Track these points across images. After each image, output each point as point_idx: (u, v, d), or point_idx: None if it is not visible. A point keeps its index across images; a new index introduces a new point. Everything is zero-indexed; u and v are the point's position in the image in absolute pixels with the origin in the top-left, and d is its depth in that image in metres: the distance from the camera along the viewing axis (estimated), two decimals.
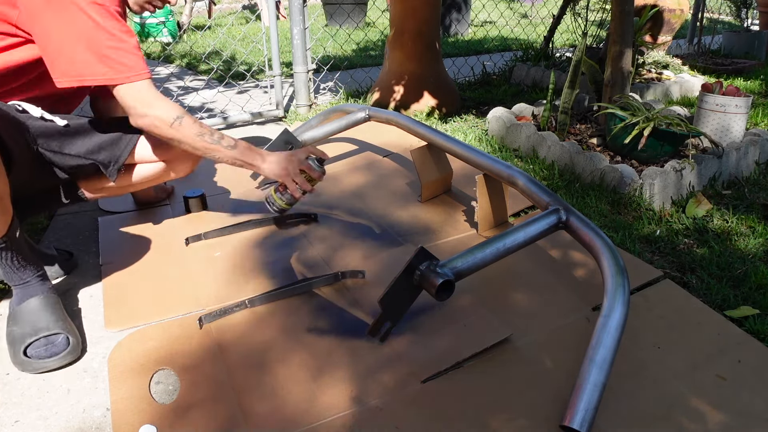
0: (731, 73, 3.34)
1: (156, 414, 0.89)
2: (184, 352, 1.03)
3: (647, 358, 1.01)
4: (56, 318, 1.04)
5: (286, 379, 0.96)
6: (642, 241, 1.42)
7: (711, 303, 1.18)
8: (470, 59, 3.86)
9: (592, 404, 0.84)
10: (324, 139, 1.83)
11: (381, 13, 5.46)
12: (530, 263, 1.31)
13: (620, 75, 1.97)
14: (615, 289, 1.00)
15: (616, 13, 1.94)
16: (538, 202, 1.22)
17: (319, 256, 1.35)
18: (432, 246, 1.39)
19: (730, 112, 1.87)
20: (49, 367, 1.00)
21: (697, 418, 0.88)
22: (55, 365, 1.00)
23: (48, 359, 1.00)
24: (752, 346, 1.04)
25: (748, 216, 1.55)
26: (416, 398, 0.92)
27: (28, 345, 1.00)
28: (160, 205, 1.62)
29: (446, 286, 0.96)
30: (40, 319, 1.03)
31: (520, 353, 1.02)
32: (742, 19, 5.05)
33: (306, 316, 1.13)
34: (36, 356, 1.00)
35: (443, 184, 1.67)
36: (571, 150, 1.82)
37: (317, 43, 4.45)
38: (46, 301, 1.06)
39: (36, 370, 1.00)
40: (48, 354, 1.00)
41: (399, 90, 2.57)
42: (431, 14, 2.50)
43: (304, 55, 2.58)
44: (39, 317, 1.03)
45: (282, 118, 2.60)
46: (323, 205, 1.62)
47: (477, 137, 2.22)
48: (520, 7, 7.50)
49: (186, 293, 1.21)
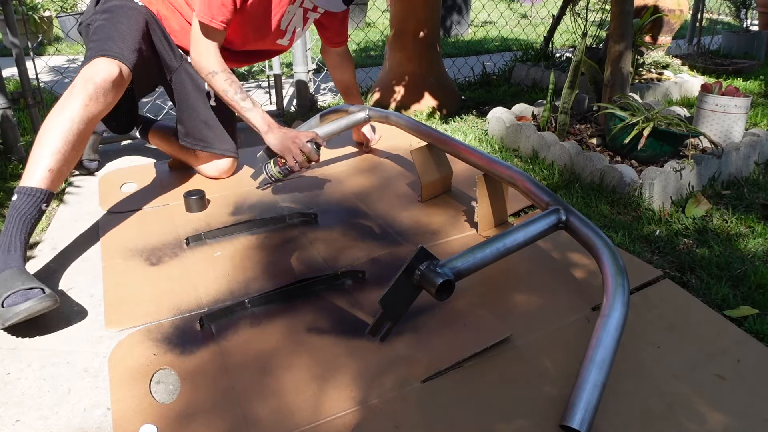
0: (731, 74, 3.34)
1: (156, 414, 0.89)
2: (185, 352, 1.03)
3: (647, 358, 1.01)
4: (31, 279, 1.07)
5: (286, 378, 0.96)
6: (642, 241, 1.42)
7: (711, 303, 1.18)
8: (470, 59, 3.86)
9: (591, 404, 0.84)
10: (324, 139, 1.83)
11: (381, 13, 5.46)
12: (530, 263, 1.31)
13: (620, 75, 1.97)
14: (615, 289, 1.00)
15: (616, 13, 1.94)
16: (538, 202, 1.22)
17: (319, 256, 1.35)
18: (432, 246, 1.39)
19: (730, 113, 1.87)
20: (29, 311, 1.00)
21: (697, 418, 0.88)
22: (34, 308, 1.00)
23: (24, 303, 1.01)
24: (752, 346, 1.04)
25: (748, 216, 1.55)
26: (416, 398, 0.92)
27: (5, 299, 1.01)
28: (160, 206, 1.62)
29: (446, 286, 0.96)
30: (15, 280, 1.05)
31: (520, 353, 1.03)
32: (742, 19, 5.05)
33: (306, 316, 1.13)
34: (13, 303, 1.01)
35: (443, 184, 1.67)
36: (570, 150, 1.82)
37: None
38: (21, 270, 1.10)
39: (17, 316, 1.00)
40: (24, 299, 1.01)
41: (399, 90, 2.57)
42: (431, 14, 2.50)
43: (304, 55, 2.58)
44: (14, 280, 1.06)
45: (282, 118, 2.61)
46: (323, 205, 1.62)
47: (477, 137, 2.22)
48: (520, 7, 7.50)
49: (186, 293, 1.21)
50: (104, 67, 1.35)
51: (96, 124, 1.35)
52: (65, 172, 1.27)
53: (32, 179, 1.21)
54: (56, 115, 1.28)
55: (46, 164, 1.22)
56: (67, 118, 1.27)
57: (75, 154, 1.29)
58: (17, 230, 1.17)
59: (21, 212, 1.18)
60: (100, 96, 1.32)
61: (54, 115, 1.28)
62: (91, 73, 1.33)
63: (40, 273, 1.30)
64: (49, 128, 1.26)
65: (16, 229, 1.17)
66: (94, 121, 1.33)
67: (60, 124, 1.26)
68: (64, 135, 1.25)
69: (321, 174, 1.85)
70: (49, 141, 1.24)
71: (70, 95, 1.31)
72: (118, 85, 1.37)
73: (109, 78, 1.34)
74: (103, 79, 1.33)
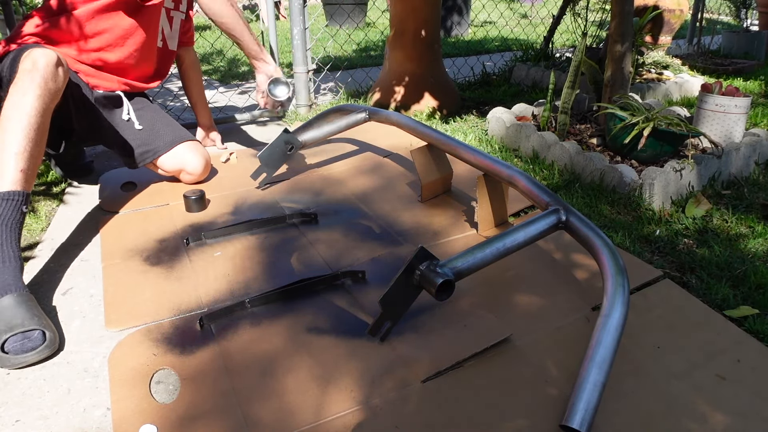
0: (731, 74, 3.34)
1: (157, 414, 0.89)
2: (185, 353, 1.03)
3: (647, 358, 1.01)
4: (31, 315, 1.05)
5: (286, 378, 0.96)
6: (642, 241, 1.42)
7: (711, 303, 1.18)
8: (470, 59, 3.86)
9: (591, 404, 0.84)
10: (324, 139, 1.83)
11: (381, 13, 5.46)
12: (530, 263, 1.31)
13: (620, 75, 1.97)
14: (615, 289, 1.00)
15: (616, 13, 1.94)
16: (538, 202, 1.22)
17: (319, 256, 1.35)
18: (432, 246, 1.39)
19: (730, 113, 1.87)
20: (28, 362, 1.00)
21: (697, 418, 0.88)
22: (33, 359, 1.01)
23: (25, 354, 1.00)
24: (752, 346, 1.04)
25: (748, 216, 1.55)
26: (416, 398, 0.92)
27: (5, 341, 1.01)
28: (160, 206, 1.62)
29: (446, 286, 0.96)
30: (15, 316, 1.04)
31: (520, 353, 1.03)
32: (742, 19, 5.05)
33: (306, 316, 1.13)
34: (13, 351, 1.00)
35: (443, 184, 1.67)
36: (570, 150, 1.82)
37: (317, 44, 4.45)
38: (20, 299, 1.07)
39: (15, 365, 1.00)
40: (25, 349, 1.01)
41: (399, 90, 2.57)
42: (431, 14, 2.50)
43: (304, 55, 2.58)
44: (14, 315, 1.04)
45: (282, 118, 2.61)
46: (323, 205, 1.62)
47: (477, 137, 2.22)
48: (520, 7, 7.50)
49: (186, 293, 1.21)
50: (41, 52, 1.28)
51: (50, 113, 1.28)
52: (35, 170, 1.22)
53: (5, 183, 1.15)
54: (10, 112, 1.21)
55: (15, 165, 1.17)
56: (24, 113, 1.20)
57: (39, 150, 1.23)
58: (6, 239, 1.12)
59: (4, 219, 1.13)
60: (49, 81, 1.27)
61: (8, 114, 1.21)
62: (31, 62, 1.26)
63: (40, 273, 1.30)
64: (7, 129, 1.19)
65: (4, 237, 1.12)
66: (50, 111, 1.27)
67: (18, 122, 1.20)
68: (25, 132, 1.19)
69: (321, 174, 1.85)
70: (12, 141, 1.18)
71: (19, 90, 1.23)
72: (61, 66, 1.31)
73: (50, 61, 1.28)
74: (45, 63, 1.27)
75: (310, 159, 1.99)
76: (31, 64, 1.26)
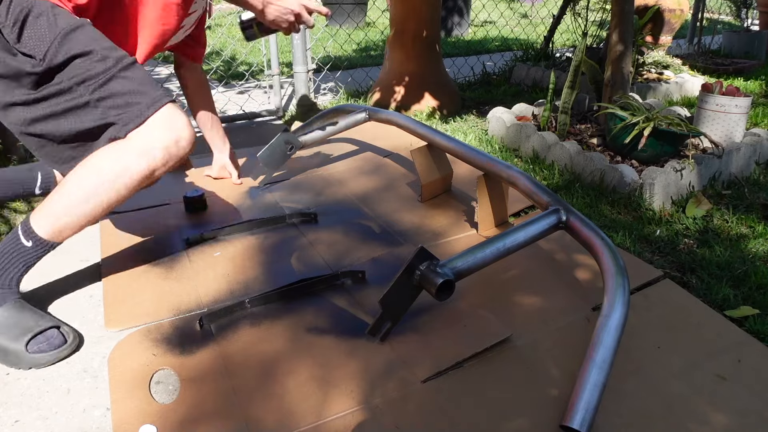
0: (731, 73, 3.34)
1: (156, 414, 0.89)
2: (185, 353, 1.03)
3: (647, 358, 1.01)
4: (38, 316, 1.05)
5: (286, 378, 0.96)
6: (642, 241, 1.42)
7: (711, 303, 1.18)
8: (470, 59, 3.86)
9: (592, 404, 0.84)
10: (324, 139, 1.83)
11: (381, 13, 5.46)
12: (530, 263, 1.31)
13: (620, 75, 1.97)
14: (615, 289, 1.00)
15: (616, 13, 1.94)
16: (538, 202, 1.22)
17: (319, 256, 1.35)
18: (432, 246, 1.39)
19: (731, 112, 1.87)
20: (60, 357, 1.02)
21: (697, 418, 0.88)
22: (64, 354, 1.02)
23: (54, 351, 1.01)
24: (752, 346, 1.04)
25: (748, 216, 1.55)
26: (416, 398, 0.92)
27: (27, 342, 1.00)
28: (160, 205, 1.62)
29: (446, 286, 0.96)
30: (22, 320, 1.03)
31: (520, 353, 1.02)
32: (742, 19, 5.05)
33: (306, 316, 1.13)
34: (39, 350, 1.00)
35: (443, 184, 1.67)
36: (571, 150, 1.82)
37: (317, 43, 4.45)
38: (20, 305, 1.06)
39: (49, 362, 1.01)
40: (50, 347, 1.01)
41: (399, 90, 2.57)
42: (431, 14, 2.50)
43: (304, 55, 2.58)
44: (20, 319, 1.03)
45: (282, 118, 2.61)
46: (323, 205, 1.62)
47: (477, 137, 2.22)
48: (520, 7, 7.50)
49: (186, 293, 1.21)
50: (185, 125, 1.06)
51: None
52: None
53: (53, 233, 1.04)
54: (108, 176, 1.03)
55: (73, 226, 1.05)
56: (125, 188, 1.04)
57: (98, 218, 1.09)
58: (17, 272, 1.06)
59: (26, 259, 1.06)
60: (170, 162, 1.06)
61: (116, 172, 1.03)
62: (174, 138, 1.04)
63: (40, 273, 1.30)
64: (98, 191, 1.03)
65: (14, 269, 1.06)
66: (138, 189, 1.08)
67: (115, 193, 1.04)
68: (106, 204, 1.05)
69: (321, 174, 1.85)
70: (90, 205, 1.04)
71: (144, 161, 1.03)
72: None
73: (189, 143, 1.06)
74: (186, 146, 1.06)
75: (310, 159, 1.99)
76: (174, 142, 1.05)
